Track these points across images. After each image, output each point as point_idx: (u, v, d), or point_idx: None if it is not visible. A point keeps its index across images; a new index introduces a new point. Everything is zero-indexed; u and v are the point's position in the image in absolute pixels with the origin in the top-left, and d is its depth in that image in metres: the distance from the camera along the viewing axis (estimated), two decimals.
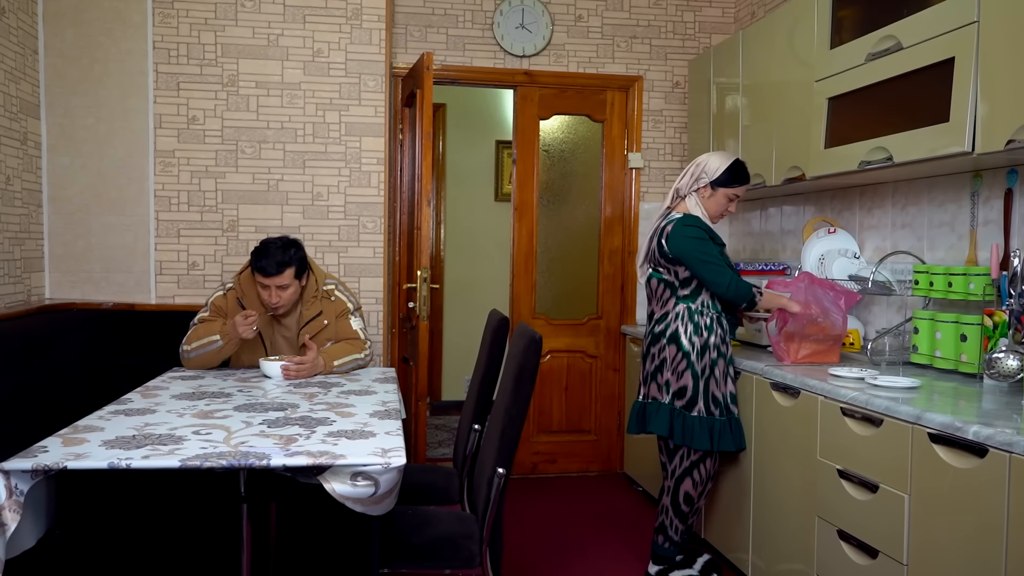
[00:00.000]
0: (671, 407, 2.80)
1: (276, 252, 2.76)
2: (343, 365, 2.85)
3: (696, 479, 2.83)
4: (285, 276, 2.77)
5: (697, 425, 2.75)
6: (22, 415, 2.59)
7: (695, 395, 2.76)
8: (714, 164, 2.83)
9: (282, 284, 2.78)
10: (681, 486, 2.84)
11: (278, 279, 2.76)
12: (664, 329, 2.82)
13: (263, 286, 2.78)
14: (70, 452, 1.76)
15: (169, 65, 3.54)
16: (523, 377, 2.07)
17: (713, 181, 2.81)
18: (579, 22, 4.26)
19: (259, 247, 2.80)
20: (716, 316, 2.80)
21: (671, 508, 2.87)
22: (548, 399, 4.36)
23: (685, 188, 2.88)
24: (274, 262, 2.74)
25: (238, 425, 2.04)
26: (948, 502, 1.92)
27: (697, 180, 2.84)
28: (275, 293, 2.78)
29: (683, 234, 2.76)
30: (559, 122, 4.42)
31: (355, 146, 3.69)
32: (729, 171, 2.81)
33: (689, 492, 2.84)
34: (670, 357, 2.80)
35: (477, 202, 5.94)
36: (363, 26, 3.67)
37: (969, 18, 2.21)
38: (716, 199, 2.84)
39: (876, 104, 2.64)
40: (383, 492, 1.78)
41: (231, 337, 2.75)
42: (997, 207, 2.54)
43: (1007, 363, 2.20)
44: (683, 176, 2.90)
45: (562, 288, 4.47)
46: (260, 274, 2.76)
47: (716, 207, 2.85)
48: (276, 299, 2.79)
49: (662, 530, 2.91)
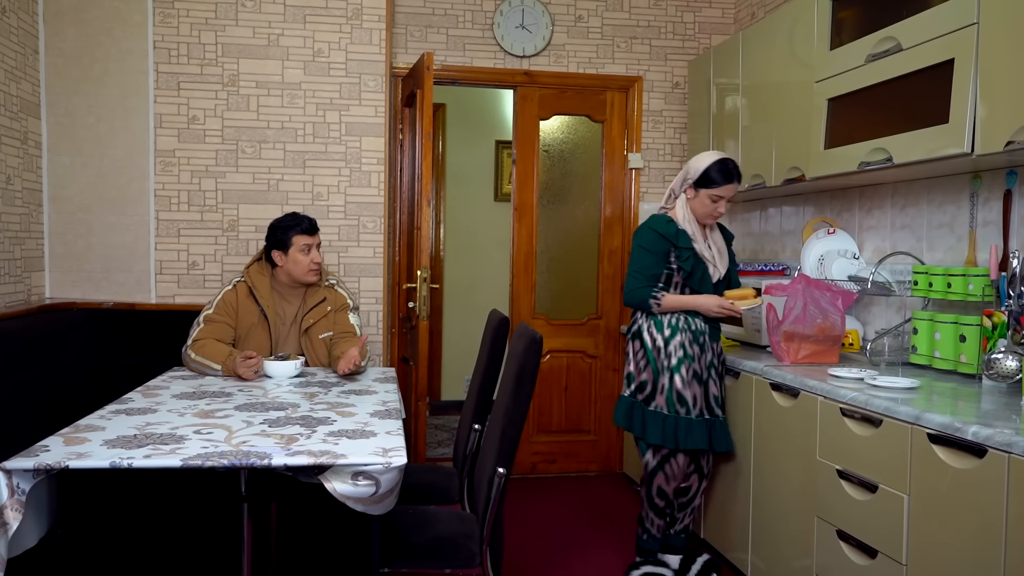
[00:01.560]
0: (632, 400, 2.86)
1: (305, 217, 2.97)
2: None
3: (668, 474, 2.85)
4: (319, 236, 3.00)
5: (651, 419, 2.79)
6: (23, 414, 2.59)
7: (654, 391, 2.80)
8: (699, 163, 2.81)
9: (319, 242, 2.99)
10: (654, 480, 2.87)
11: (317, 237, 2.98)
12: (631, 325, 2.91)
13: (307, 249, 2.94)
14: (72, 451, 1.76)
15: (169, 65, 3.54)
16: (523, 377, 2.08)
17: (695, 181, 2.80)
18: (579, 22, 4.27)
19: (285, 219, 2.97)
20: (685, 317, 2.81)
21: (646, 501, 2.92)
22: (548, 399, 4.37)
23: (677, 188, 2.88)
24: (309, 221, 2.96)
25: (239, 424, 2.05)
26: (947, 502, 1.92)
27: (684, 181, 2.85)
28: (317, 251, 2.96)
29: (635, 236, 2.88)
30: (559, 122, 4.42)
31: (355, 146, 3.69)
32: (709, 171, 2.77)
33: (662, 487, 2.87)
34: (633, 352, 2.87)
35: (477, 202, 5.94)
36: (363, 26, 3.67)
37: (969, 20, 2.21)
38: (700, 200, 2.80)
39: (876, 105, 2.65)
40: (384, 491, 1.78)
41: (230, 372, 2.75)
42: (996, 208, 2.55)
43: (1006, 364, 2.20)
44: (677, 177, 2.91)
45: (562, 288, 4.48)
46: (304, 234, 2.92)
47: (701, 208, 2.81)
48: (319, 257, 2.97)
49: (640, 523, 2.97)
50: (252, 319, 2.93)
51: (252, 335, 2.92)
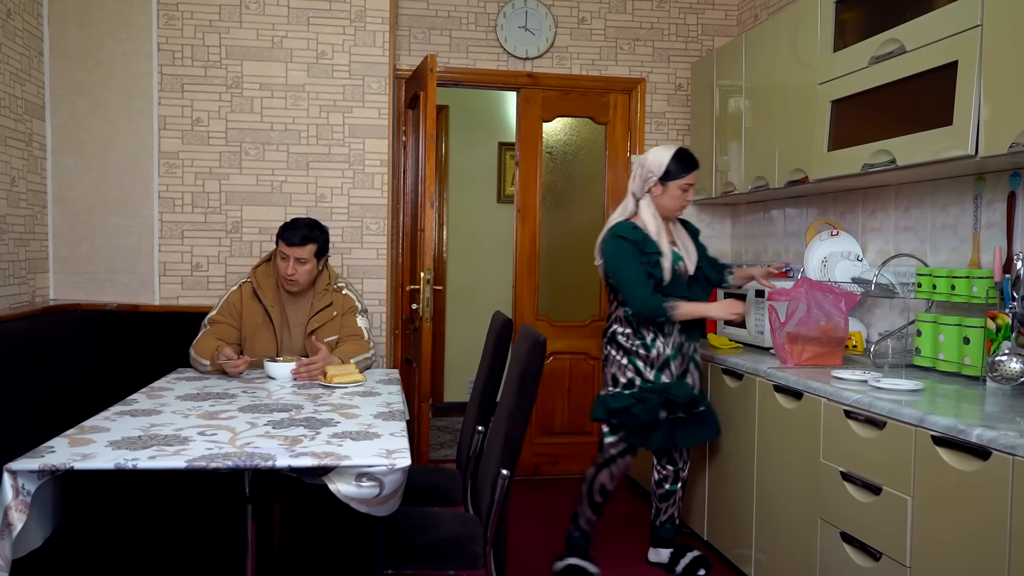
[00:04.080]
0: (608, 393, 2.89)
1: (303, 227, 2.89)
2: (360, 363, 2.89)
3: (614, 472, 2.90)
4: (306, 250, 2.88)
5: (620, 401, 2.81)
6: (27, 415, 2.59)
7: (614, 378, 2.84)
8: (657, 159, 2.81)
9: (301, 258, 2.88)
10: (600, 476, 2.92)
11: (299, 251, 2.86)
12: (606, 329, 2.93)
13: (283, 256, 2.87)
14: (77, 452, 1.77)
15: (173, 67, 3.55)
16: (527, 379, 2.08)
17: (661, 177, 2.80)
18: (582, 24, 4.27)
19: (288, 222, 2.93)
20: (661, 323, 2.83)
21: (586, 496, 2.96)
22: (550, 401, 4.37)
23: (639, 191, 2.86)
24: (299, 234, 2.86)
25: (243, 426, 2.05)
26: (951, 505, 1.92)
27: (645, 181, 2.83)
28: (293, 265, 2.87)
29: (608, 248, 2.83)
30: (562, 124, 4.43)
31: (359, 148, 3.69)
32: (673, 162, 2.78)
33: (605, 484, 2.92)
34: (613, 359, 2.88)
35: (480, 204, 5.95)
36: (367, 28, 3.68)
37: (973, 21, 2.21)
38: (669, 194, 2.81)
39: (879, 107, 2.65)
40: (388, 493, 1.79)
41: (217, 368, 2.78)
42: (1000, 210, 2.55)
43: (1010, 366, 2.20)
44: (632, 180, 2.90)
45: (565, 290, 4.48)
46: (284, 243, 2.86)
47: (672, 202, 2.82)
48: (292, 271, 2.87)
49: (574, 519, 3.01)
50: (257, 320, 2.94)
51: (258, 336, 2.93)
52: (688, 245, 2.91)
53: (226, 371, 2.75)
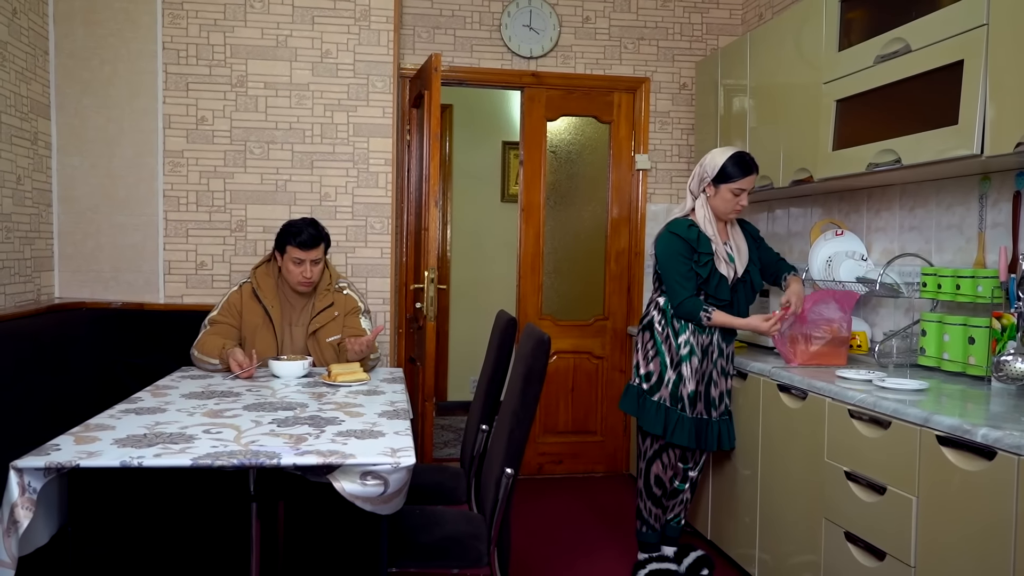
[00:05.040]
0: (639, 389, 2.90)
1: (308, 227, 2.87)
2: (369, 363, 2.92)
3: (665, 463, 2.91)
4: (320, 250, 2.89)
5: (654, 410, 2.83)
6: (33, 413, 2.60)
7: (659, 383, 2.83)
8: (714, 160, 2.82)
9: (316, 259, 2.88)
10: (651, 468, 2.92)
11: (315, 252, 2.87)
12: (644, 315, 2.95)
13: (299, 261, 2.86)
14: (82, 450, 1.77)
15: (178, 66, 3.56)
16: (531, 378, 2.08)
17: (714, 178, 2.80)
18: (586, 23, 4.27)
19: (288, 226, 2.90)
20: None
21: (644, 491, 2.95)
22: (554, 400, 4.37)
23: (696, 189, 2.88)
24: (310, 235, 2.85)
25: (248, 424, 2.06)
26: (956, 504, 1.92)
27: (702, 180, 2.85)
28: (310, 267, 2.87)
29: (661, 243, 2.85)
30: (566, 123, 4.43)
31: (363, 147, 3.70)
32: (727, 165, 2.78)
33: (659, 475, 2.92)
34: (643, 343, 2.90)
35: (484, 203, 5.95)
36: (371, 27, 3.68)
37: (978, 21, 2.21)
38: (721, 196, 2.81)
39: (884, 106, 2.64)
40: (392, 491, 1.79)
41: (227, 365, 2.78)
42: (1006, 210, 2.54)
43: (1015, 366, 2.19)
44: (691, 177, 2.91)
45: (568, 289, 4.48)
46: (300, 248, 2.84)
47: (723, 205, 2.82)
48: (310, 273, 2.88)
49: (639, 515, 3.00)
50: (257, 320, 2.94)
51: (258, 336, 2.93)
52: (742, 247, 2.90)
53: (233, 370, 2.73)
